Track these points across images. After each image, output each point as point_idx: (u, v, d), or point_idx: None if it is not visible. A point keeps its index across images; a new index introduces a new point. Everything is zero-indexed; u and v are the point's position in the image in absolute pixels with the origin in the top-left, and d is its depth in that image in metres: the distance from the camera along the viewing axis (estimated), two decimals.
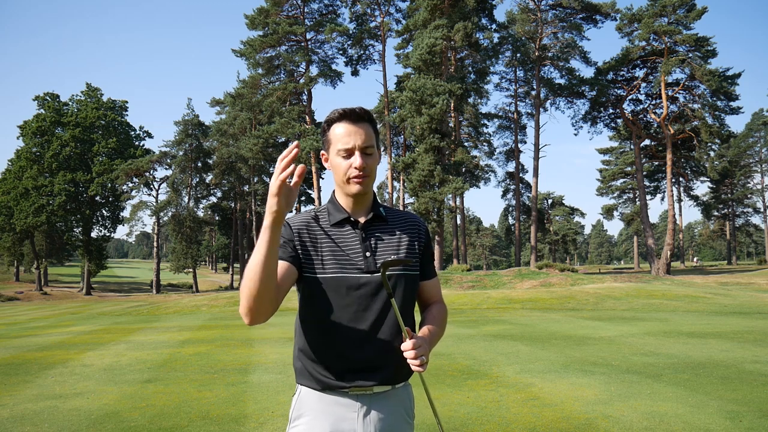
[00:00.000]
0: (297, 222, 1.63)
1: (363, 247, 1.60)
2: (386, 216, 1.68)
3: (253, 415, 5.05)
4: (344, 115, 1.58)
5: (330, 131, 1.61)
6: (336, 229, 1.62)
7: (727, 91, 36.53)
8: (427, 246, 1.72)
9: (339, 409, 1.57)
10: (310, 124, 40.93)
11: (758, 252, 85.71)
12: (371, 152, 1.59)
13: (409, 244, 1.66)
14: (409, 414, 1.67)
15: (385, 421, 1.58)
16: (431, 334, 1.62)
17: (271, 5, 39.89)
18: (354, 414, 1.56)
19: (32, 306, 36.04)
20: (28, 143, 49.08)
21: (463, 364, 7.51)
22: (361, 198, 1.63)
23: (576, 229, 72.66)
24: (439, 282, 1.81)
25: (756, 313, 14.66)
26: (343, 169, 1.58)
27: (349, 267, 1.57)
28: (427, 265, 1.73)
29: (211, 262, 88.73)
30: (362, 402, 1.57)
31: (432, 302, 1.78)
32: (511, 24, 40.16)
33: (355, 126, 1.57)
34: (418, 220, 1.75)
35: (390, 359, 1.57)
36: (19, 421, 5.01)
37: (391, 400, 1.61)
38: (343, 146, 1.56)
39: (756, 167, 61.97)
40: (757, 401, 5.15)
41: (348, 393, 1.57)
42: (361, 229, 1.63)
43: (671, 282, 26.56)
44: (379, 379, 1.57)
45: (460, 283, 27.06)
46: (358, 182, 1.57)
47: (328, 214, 1.65)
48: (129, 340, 11.66)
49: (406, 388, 1.68)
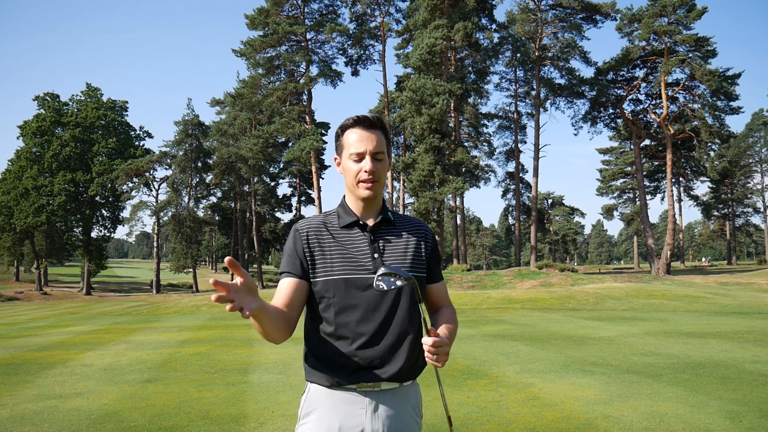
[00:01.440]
0: (306, 227, 1.70)
1: (371, 249, 1.66)
2: (394, 220, 1.74)
3: (253, 415, 5.05)
4: (358, 122, 1.66)
5: (343, 136, 1.68)
6: (345, 231, 1.69)
7: (727, 91, 36.52)
8: (433, 250, 1.78)
9: (348, 405, 1.60)
10: (310, 124, 40.92)
11: (758, 252, 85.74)
12: (381, 158, 1.66)
13: (416, 247, 1.72)
14: (417, 412, 1.70)
15: (393, 417, 1.62)
16: (450, 333, 1.67)
17: (272, 5, 39.89)
18: (362, 410, 1.60)
19: (32, 306, 36.04)
20: (28, 143, 49.07)
21: (463, 364, 7.51)
22: (371, 202, 1.69)
23: (576, 229, 72.63)
24: (446, 285, 1.86)
25: (756, 313, 14.66)
26: (354, 172, 1.64)
27: (357, 268, 1.63)
28: (434, 268, 1.78)
29: (211, 262, 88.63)
30: (371, 398, 1.61)
31: (441, 305, 1.83)
32: (511, 24, 40.15)
33: (367, 132, 1.65)
34: (425, 225, 1.81)
35: (397, 358, 1.62)
36: (19, 421, 5.01)
37: (399, 397, 1.65)
38: (354, 150, 1.63)
39: (756, 167, 61.96)
40: (757, 401, 5.15)
41: (356, 390, 1.61)
42: (369, 231, 1.69)
43: (671, 282, 26.56)
44: (387, 376, 1.61)
45: (460, 283, 27.05)
46: (368, 187, 1.64)
47: (337, 218, 1.72)
48: (129, 340, 11.66)
49: (414, 386, 1.72)
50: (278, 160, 50.52)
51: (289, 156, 39.88)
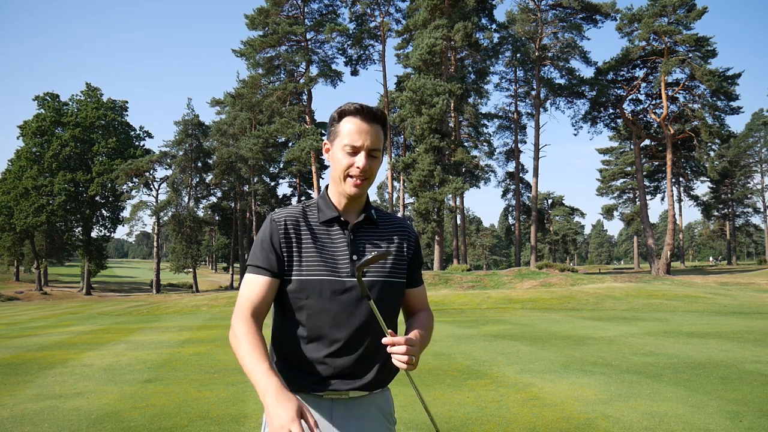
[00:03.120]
0: (284, 217, 1.55)
1: (350, 250, 1.53)
2: (377, 219, 1.62)
3: (253, 415, 5.05)
4: (359, 111, 1.51)
5: (340, 123, 1.53)
6: (324, 228, 1.56)
7: (727, 91, 36.54)
8: (416, 253, 1.66)
9: (312, 412, 1.49)
10: (310, 124, 40.94)
11: (758, 252, 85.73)
12: (377, 155, 1.53)
13: (397, 250, 1.60)
14: (388, 419, 1.60)
15: (361, 426, 1.53)
16: (421, 336, 1.56)
17: (271, 5, 39.90)
18: (327, 418, 1.51)
19: (32, 306, 36.04)
20: (28, 143, 49.09)
21: (463, 364, 7.51)
22: (355, 199, 1.57)
23: (576, 229, 72.66)
24: (425, 290, 1.75)
25: (756, 313, 14.66)
26: (344, 165, 1.51)
27: (333, 270, 1.50)
28: (415, 272, 1.67)
29: (211, 262, 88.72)
30: (336, 407, 1.52)
31: (417, 309, 1.71)
32: (511, 24, 40.17)
33: (368, 125, 1.51)
34: (409, 226, 1.69)
35: (370, 367, 1.52)
36: (19, 421, 5.01)
37: (368, 405, 1.55)
38: (350, 142, 1.50)
39: (756, 167, 61.98)
40: (757, 401, 5.15)
41: (322, 397, 1.52)
42: (350, 230, 1.56)
43: (671, 282, 26.56)
44: (357, 386, 1.51)
45: (460, 283, 27.05)
46: (356, 184, 1.52)
47: (317, 211, 1.58)
48: (129, 340, 11.66)
49: (384, 393, 1.62)
50: (278, 160, 50.54)
51: (289, 156, 39.89)
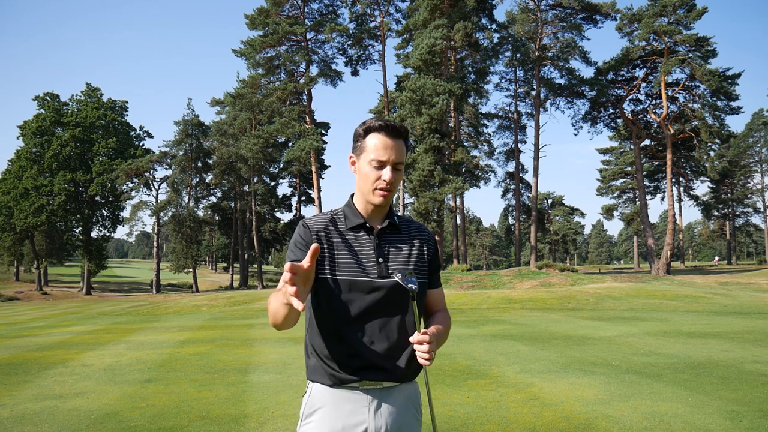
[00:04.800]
0: (315, 224, 1.72)
1: (376, 253, 1.70)
2: (399, 225, 1.78)
3: (253, 415, 5.05)
4: (384, 128, 1.67)
5: (366, 138, 1.69)
6: (351, 233, 1.72)
7: (727, 91, 36.51)
8: (434, 256, 1.82)
9: (350, 403, 1.64)
10: (310, 124, 40.93)
11: (758, 252, 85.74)
12: (400, 168, 1.69)
13: (419, 253, 1.77)
14: (417, 410, 1.75)
15: (395, 414, 1.66)
16: (438, 333, 1.71)
17: (271, 5, 39.89)
18: (365, 408, 1.64)
19: (32, 306, 36.04)
20: (28, 143, 49.05)
21: (463, 364, 7.51)
22: (381, 208, 1.73)
23: (576, 229, 72.64)
24: (443, 291, 1.91)
25: (756, 313, 14.66)
26: (372, 179, 1.67)
27: (362, 271, 1.66)
28: (434, 274, 1.83)
29: (211, 262, 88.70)
30: (373, 396, 1.65)
31: (436, 309, 1.86)
32: (511, 24, 40.14)
33: (392, 140, 1.67)
34: (428, 231, 1.86)
35: (398, 358, 1.67)
36: (19, 421, 5.01)
37: (401, 395, 1.69)
38: (377, 157, 1.66)
39: (756, 167, 61.95)
40: (757, 401, 5.15)
41: (359, 388, 1.65)
42: (375, 235, 1.72)
43: (671, 282, 26.56)
44: (388, 376, 1.66)
45: (460, 283, 27.04)
46: (383, 195, 1.67)
47: (345, 218, 1.74)
48: (129, 340, 11.66)
49: (414, 385, 1.76)
50: (278, 160, 50.52)
51: (289, 156, 39.89)
